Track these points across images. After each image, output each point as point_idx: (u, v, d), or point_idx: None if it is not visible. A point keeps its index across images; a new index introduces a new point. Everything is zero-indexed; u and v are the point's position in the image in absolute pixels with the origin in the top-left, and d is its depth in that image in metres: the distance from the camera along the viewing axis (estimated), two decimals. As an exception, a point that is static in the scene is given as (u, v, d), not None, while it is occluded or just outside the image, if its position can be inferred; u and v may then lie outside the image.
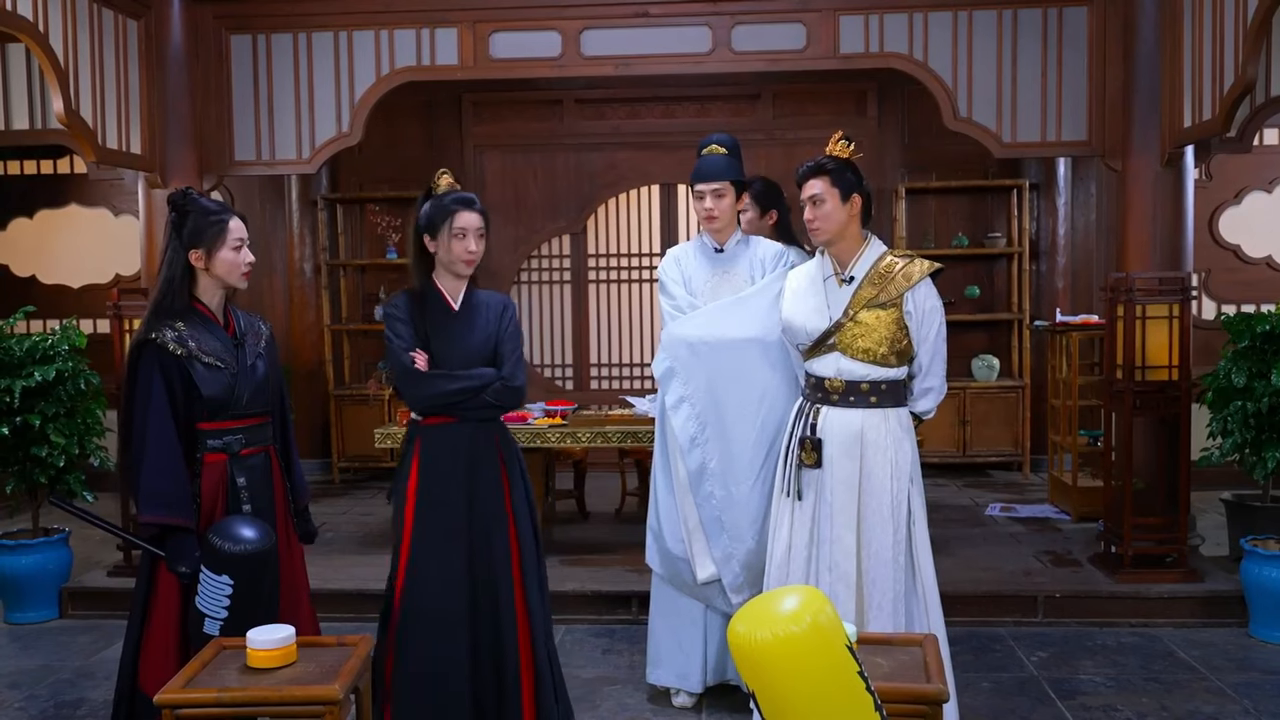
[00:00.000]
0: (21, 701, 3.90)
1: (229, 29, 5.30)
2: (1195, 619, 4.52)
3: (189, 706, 2.34)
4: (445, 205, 3.06)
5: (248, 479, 2.88)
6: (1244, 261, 7.02)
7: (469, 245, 3.07)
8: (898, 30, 5.04)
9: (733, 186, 3.60)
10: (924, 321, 3.13)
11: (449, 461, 3.05)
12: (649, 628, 3.80)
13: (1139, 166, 4.86)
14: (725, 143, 3.63)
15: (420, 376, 3.01)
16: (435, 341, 3.06)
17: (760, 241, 3.74)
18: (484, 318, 3.12)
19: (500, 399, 3.06)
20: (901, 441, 3.13)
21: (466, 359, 3.06)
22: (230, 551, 2.67)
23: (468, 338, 3.08)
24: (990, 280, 7.50)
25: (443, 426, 3.06)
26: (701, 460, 3.52)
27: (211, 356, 2.82)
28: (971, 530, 5.69)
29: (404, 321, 3.05)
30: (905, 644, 2.57)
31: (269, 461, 2.98)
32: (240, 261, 2.89)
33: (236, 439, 2.87)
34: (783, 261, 3.62)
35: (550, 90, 7.32)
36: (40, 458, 4.64)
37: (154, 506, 2.75)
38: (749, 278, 3.63)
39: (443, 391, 3.01)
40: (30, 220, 7.45)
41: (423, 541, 3.04)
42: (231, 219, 2.89)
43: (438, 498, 3.04)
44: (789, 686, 1.69)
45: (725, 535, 3.51)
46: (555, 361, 7.81)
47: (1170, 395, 4.61)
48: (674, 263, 3.75)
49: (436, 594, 3.02)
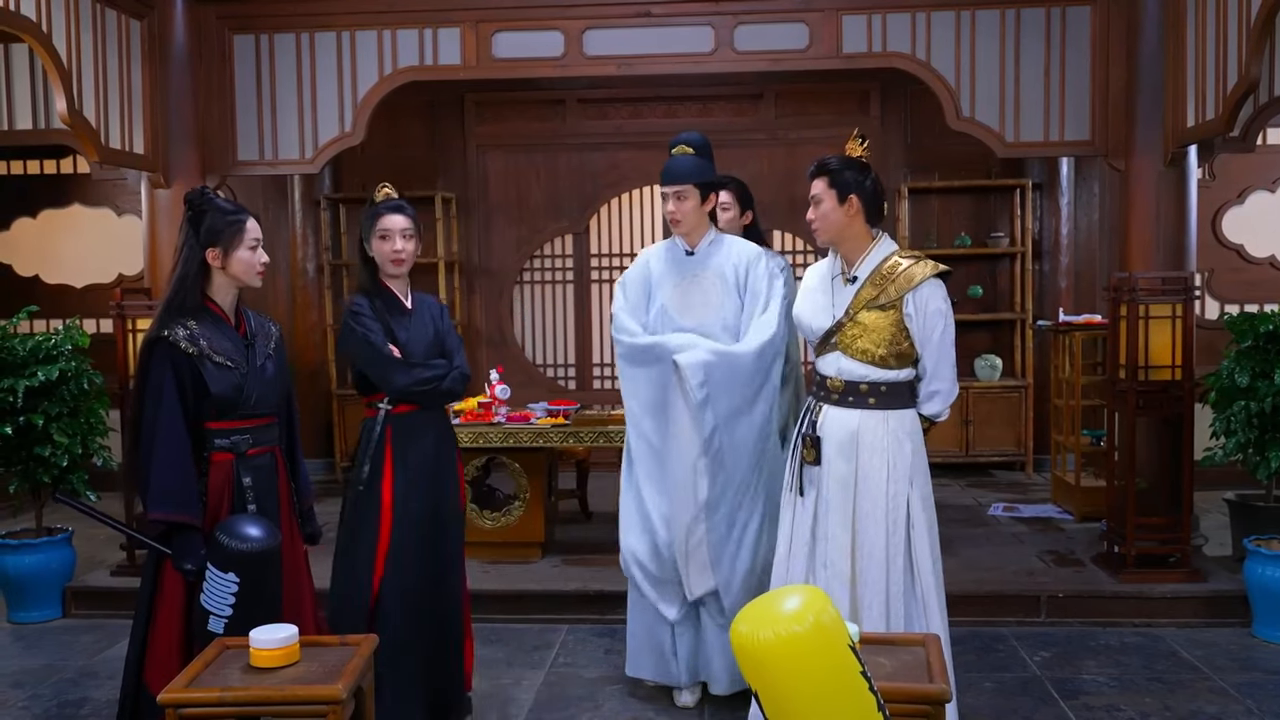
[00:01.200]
0: (25, 701, 3.91)
1: (232, 29, 5.30)
2: (1198, 619, 4.52)
3: (192, 706, 2.35)
4: (373, 211, 3.32)
5: (254, 479, 2.90)
6: (1247, 261, 7.01)
7: (394, 245, 3.27)
8: (900, 30, 5.04)
9: (697, 189, 3.54)
10: (926, 324, 3.09)
11: (419, 447, 3.29)
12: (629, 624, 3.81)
13: (1142, 166, 4.85)
14: (694, 142, 3.58)
15: (404, 364, 3.23)
16: (400, 335, 3.27)
17: (736, 242, 3.67)
18: (430, 315, 3.40)
19: (458, 385, 3.35)
20: (902, 444, 3.10)
21: (426, 351, 3.31)
22: (237, 550, 2.69)
23: (424, 332, 3.35)
24: (993, 280, 7.49)
25: (411, 414, 3.30)
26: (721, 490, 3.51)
27: (222, 356, 2.84)
28: (974, 530, 5.68)
29: (371, 317, 3.25)
30: (908, 644, 2.57)
31: (275, 462, 3.00)
32: (255, 261, 2.93)
33: (244, 439, 2.89)
34: (768, 269, 3.56)
35: (553, 90, 7.32)
36: (43, 457, 4.65)
37: (162, 504, 2.76)
38: (721, 280, 3.57)
39: (422, 379, 3.25)
40: (33, 220, 7.46)
41: (404, 525, 3.25)
42: (248, 219, 2.94)
43: (414, 481, 3.27)
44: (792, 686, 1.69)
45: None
46: (558, 361, 7.81)
47: (1173, 395, 4.61)
48: (639, 271, 3.70)
49: (416, 575, 3.26)
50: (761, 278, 3.56)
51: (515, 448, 5.05)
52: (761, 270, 3.57)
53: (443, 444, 3.38)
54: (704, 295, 3.59)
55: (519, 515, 5.14)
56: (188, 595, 2.81)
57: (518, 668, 4.14)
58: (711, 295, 3.59)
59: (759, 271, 3.57)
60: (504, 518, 5.16)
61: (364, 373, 3.29)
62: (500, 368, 5.62)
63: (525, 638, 4.47)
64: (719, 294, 3.58)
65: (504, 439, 5.01)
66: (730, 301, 3.58)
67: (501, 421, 5.08)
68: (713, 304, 3.59)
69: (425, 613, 3.27)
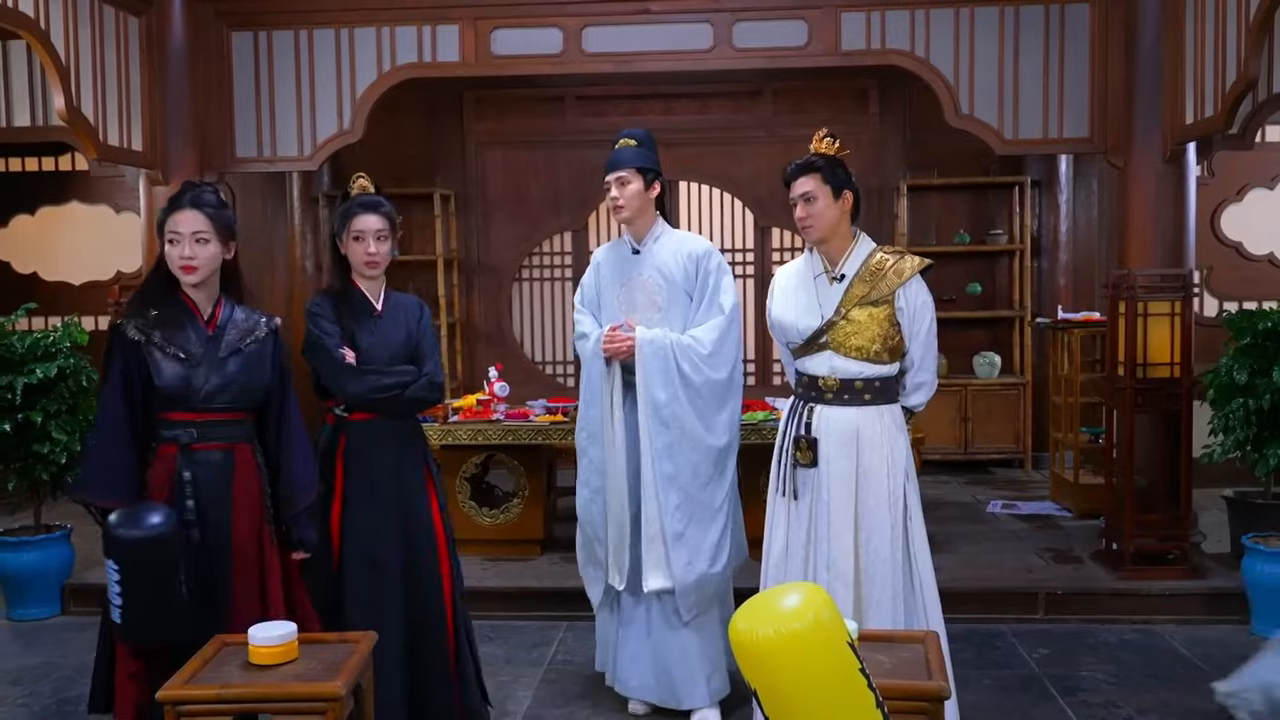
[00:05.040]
0: (24, 698, 3.91)
1: (230, 26, 5.29)
2: (1197, 616, 4.52)
3: (191, 703, 2.35)
4: (348, 209, 3.14)
5: (196, 474, 2.75)
6: (1246, 259, 7.00)
7: (367, 247, 3.11)
8: (899, 27, 5.03)
9: (640, 173, 3.48)
10: (915, 317, 3.14)
11: (376, 457, 3.11)
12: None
13: (1141, 163, 4.85)
14: (636, 135, 3.55)
15: (355, 371, 3.07)
16: (362, 339, 3.12)
17: (687, 238, 3.61)
18: (404, 318, 3.20)
19: (425, 394, 3.15)
20: (896, 438, 3.14)
21: (392, 356, 3.13)
22: (112, 535, 2.63)
23: (393, 336, 3.16)
24: (992, 277, 7.49)
25: (369, 422, 3.12)
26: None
27: (175, 347, 2.76)
28: (973, 527, 5.68)
29: (329, 319, 3.11)
30: (906, 641, 2.58)
31: (231, 461, 2.80)
32: (174, 255, 2.79)
33: (188, 432, 2.76)
34: (710, 272, 3.48)
35: (551, 87, 7.31)
36: (42, 454, 4.64)
37: (93, 489, 2.74)
38: (662, 278, 3.48)
39: (376, 386, 3.08)
40: (32, 217, 7.45)
41: (353, 556, 3.07)
42: (174, 211, 2.80)
43: (366, 490, 3.09)
44: (791, 683, 1.69)
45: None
46: (556, 359, 7.81)
47: (1172, 392, 4.61)
48: (591, 275, 3.68)
49: (370, 588, 3.07)
50: (711, 273, 3.49)
51: (514, 445, 5.05)
52: (713, 265, 3.50)
53: (407, 456, 3.16)
54: (648, 297, 3.52)
55: (518, 512, 5.14)
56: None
57: (516, 665, 4.15)
58: (657, 297, 3.51)
59: (696, 266, 3.49)
60: (503, 515, 5.16)
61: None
62: (499, 365, 5.61)
63: (524, 635, 4.47)
64: (664, 295, 3.50)
65: (503, 436, 5.01)
66: (678, 304, 3.50)
67: (500, 418, 5.08)
68: (659, 305, 3.51)
69: (389, 633, 2.96)
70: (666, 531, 3.40)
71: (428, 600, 3.15)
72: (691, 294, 3.51)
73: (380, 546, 3.10)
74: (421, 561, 3.15)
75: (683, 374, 3.40)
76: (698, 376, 3.41)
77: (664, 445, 3.40)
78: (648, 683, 3.56)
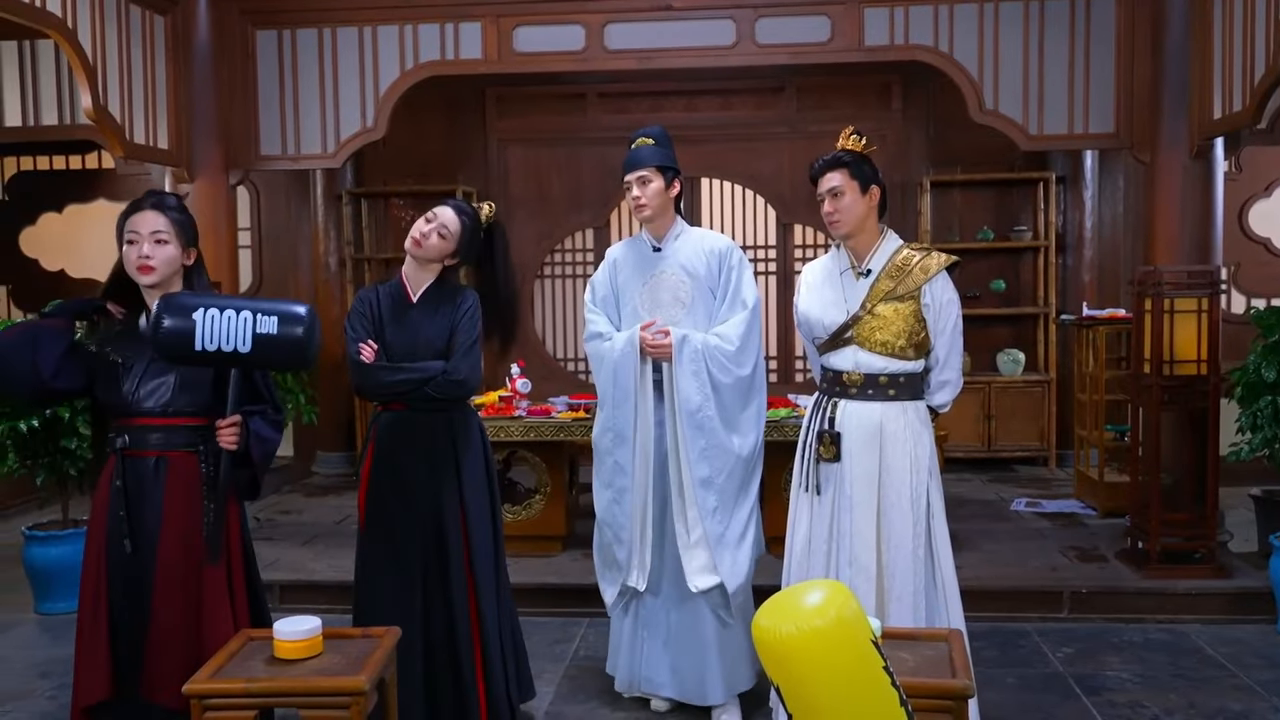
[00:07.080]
0: (52, 690, 3.95)
1: (254, 24, 5.33)
2: (1223, 615, 4.48)
3: (216, 697, 2.37)
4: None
5: (127, 483, 2.67)
6: (1274, 255, 6.93)
7: (420, 229, 3.17)
8: (923, 22, 5.01)
9: (660, 172, 3.47)
10: (941, 314, 3.12)
11: (403, 447, 3.17)
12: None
13: (1168, 159, 4.81)
14: (653, 134, 3.55)
15: (363, 368, 3.12)
16: (388, 332, 3.17)
17: (707, 234, 3.62)
18: (442, 309, 3.19)
19: (442, 391, 3.13)
20: (920, 435, 3.13)
21: (414, 349, 3.15)
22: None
23: (422, 328, 3.17)
24: (1016, 274, 7.44)
25: (397, 413, 3.19)
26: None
27: (115, 352, 2.71)
28: (997, 525, 5.65)
29: (360, 314, 3.19)
30: (930, 639, 2.57)
31: (164, 469, 2.69)
32: (131, 255, 2.71)
33: (121, 439, 2.70)
34: (733, 268, 3.48)
35: (573, 84, 7.32)
36: (69, 450, 4.69)
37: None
38: (686, 274, 3.48)
39: (383, 382, 3.13)
40: (59, 215, 7.53)
41: (377, 526, 3.16)
42: (133, 213, 2.72)
43: (391, 483, 3.16)
44: (814, 680, 1.69)
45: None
46: (578, 355, 7.82)
47: (1199, 390, 4.57)
48: (605, 273, 3.66)
49: (389, 584, 3.13)
50: (734, 269, 3.49)
51: (536, 441, 5.06)
52: (735, 261, 3.50)
53: (438, 447, 3.17)
54: (673, 295, 3.51)
55: (540, 509, 5.16)
56: (108, 584, 2.71)
57: (538, 661, 4.14)
58: (681, 293, 3.52)
59: (720, 263, 3.50)
60: (525, 511, 5.17)
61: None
62: (521, 361, 5.62)
63: (546, 631, 4.48)
64: (689, 292, 3.50)
65: (525, 433, 5.02)
66: (702, 300, 3.50)
67: (522, 415, 5.09)
68: (684, 302, 3.51)
69: (407, 624, 2.99)
70: (710, 535, 3.41)
71: (449, 602, 3.15)
72: (715, 290, 3.51)
73: (399, 540, 3.14)
74: (445, 560, 3.15)
75: (713, 378, 3.41)
76: (726, 378, 3.42)
77: (699, 450, 3.40)
78: (670, 679, 3.56)
